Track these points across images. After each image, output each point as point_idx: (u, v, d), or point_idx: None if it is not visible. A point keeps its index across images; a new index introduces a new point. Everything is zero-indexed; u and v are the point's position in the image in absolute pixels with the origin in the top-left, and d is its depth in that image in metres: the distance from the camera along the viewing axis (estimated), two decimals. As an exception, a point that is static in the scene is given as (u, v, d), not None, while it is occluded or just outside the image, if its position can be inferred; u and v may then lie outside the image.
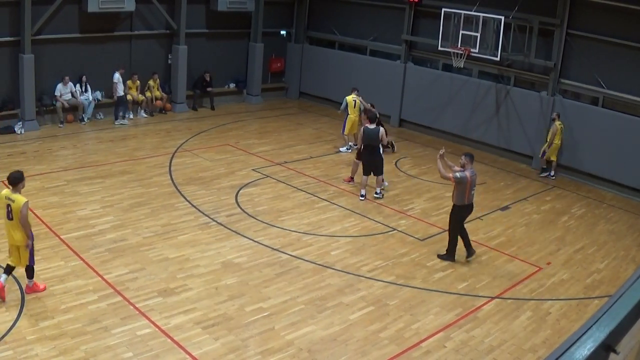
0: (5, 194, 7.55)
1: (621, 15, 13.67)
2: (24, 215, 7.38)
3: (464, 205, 9.51)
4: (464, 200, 9.46)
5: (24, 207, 7.37)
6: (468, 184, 9.33)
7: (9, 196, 7.48)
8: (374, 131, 11.93)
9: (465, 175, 9.30)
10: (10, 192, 7.52)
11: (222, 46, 19.55)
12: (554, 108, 14.99)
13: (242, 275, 8.80)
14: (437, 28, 15.85)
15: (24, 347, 6.63)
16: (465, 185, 9.31)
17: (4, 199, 7.51)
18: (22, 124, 14.97)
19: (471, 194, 9.49)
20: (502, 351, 7.43)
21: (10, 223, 7.50)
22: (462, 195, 9.42)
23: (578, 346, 1.82)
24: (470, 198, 9.52)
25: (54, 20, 15.47)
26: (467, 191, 9.39)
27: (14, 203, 7.41)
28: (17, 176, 7.58)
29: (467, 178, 9.29)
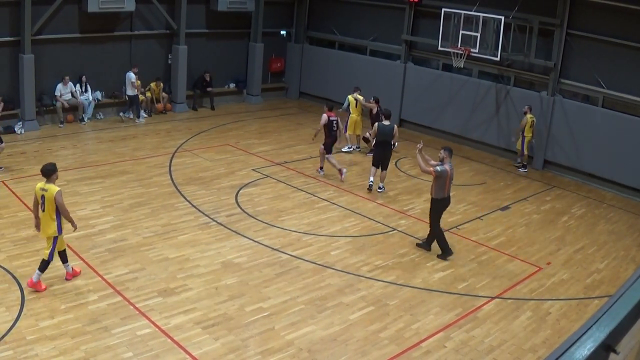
0: (40, 185, 7.86)
1: (621, 15, 13.67)
2: (60, 202, 7.70)
3: (443, 198, 9.70)
4: (443, 194, 9.65)
5: (58, 195, 7.68)
6: (447, 178, 9.55)
7: (43, 187, 7.79)
8: (389, 127, 12.38)
9: (445, 169, 9.52)
10: (44, 184, 7.84)
11: (222, 46, 19.55)
12: (554, 108, 15.00)
13: (242, 275, 8.80)
14: (437, 28, 15.85)
15: (24, 347, 6.63)
16: (444, 179, 9.53)
17: (39, 191, 7.80)
18: (22, 124, 14.98)
19: (449, 186, 9.73)
20: (502, 351, 7.43)
21: (43, 214, 7.80)
22: (441, 188, 9.61)
23: (578, 346, 1.82)
24: (449, 191, 9.75)
25: (54, 20, 15.48)
26: (447, 184, 9.62)
27: (47, 193, 7.72)
28: (50, 168, 7.88)
29: (447, 172, 9.51)
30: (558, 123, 15.00)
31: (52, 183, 7.81)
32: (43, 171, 7.87)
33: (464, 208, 12.33)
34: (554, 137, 15.14)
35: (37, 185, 7.90)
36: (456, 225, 11.36)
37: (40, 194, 7.78)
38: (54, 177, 7.87)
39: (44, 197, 7.74)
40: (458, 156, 16.08)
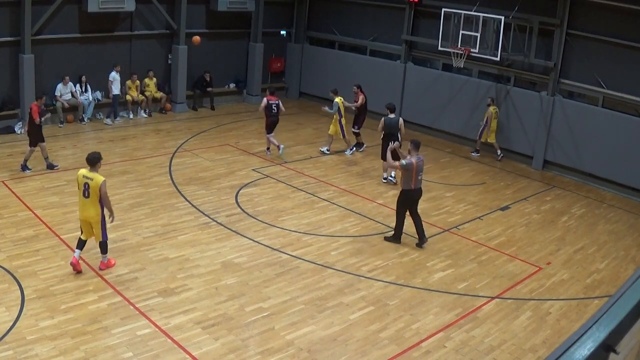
0: (83, 172, 8.19)
1: (621, 15, 13.67)
2: (104, 192, 8.09)
3: (411, 189, 10.03)
4: (410, 185, 10.00)
5: (102, 185, 8.07)
6: (414, 170, 9.89)
7: (87, 175, 8.13)
8: (394, 120, 12.99)
9: (411, 161, 9.90)
10: (88, 172, 8.10)
11: (222, 46, 19.55)
12: (554, 108, 15.00)
13: (242, 275, 8.80)
14: (437, 28, 15.85)
15: (24, 347, 6.63)
16: (411, 172, 9.89)
17: (82, 178, 8.15)
18: (22, 124, 14.97)
19: (418, 179, 10.04)
20: (502, 351, 7.43)
21: (85, 201, 8.18)
22: (408, 180, 9.97)
23: (578, 346, 1.82)
24: (417, 183, 10.07)
25: (54, 20, 15.48)
26: (414, 177, 9.95)
27: (92, 181, 8.06)
28: (96, 156, 8.25)
29: (412, 164, 9.89)
30: (558, 123, 15.00)
31: (96, 172, 8.16)
32: (88, 159, 8.20)
33: (464, 208, 12.34)
34: (554, 137, 15.14)
35: (80, 171, 8.24)
36: (456, 225, 11.36)
37: (83, 182, 8.10)
38: (98, 166, 8.17)
39: (87, 185, 8.07)
40: (458, 156, 16.12)
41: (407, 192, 10.07)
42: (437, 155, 16.01)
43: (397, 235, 10.32)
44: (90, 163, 8.19)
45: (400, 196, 10.22)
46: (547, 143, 15.27)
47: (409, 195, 10.08)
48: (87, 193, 8.12)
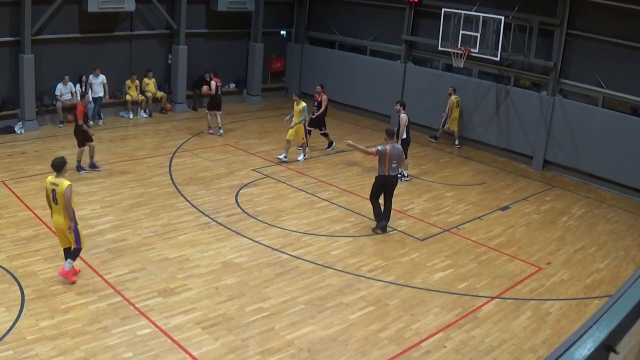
0: (50, 179, 7.94)
1: (621, 15, 13.67)
2: (67, 197, 7.78)
3: (384, 175, 10.46)
4: (384, 172, 10.43)
5: (67, 190, 7.77)
6: (387, 157, 10.31)
7: (54, 181, 7.88)
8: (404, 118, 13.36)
9: (385, 148, 10.34)
10: (54, 178, 7.91)
11: (222, 46, 19.55)
12: (554, 108, 15.00)
13: (242, 275, 8.80)
14: (437, 28, 15.85)
15: (24, 347, 6.63)
16: (384, 158, 10.32)
17: (49, 185, 7.90)
18: (22, 124, 14.97)
19: (391, 166, 10.45)
20: (502, 351, 7.43)
21: (56, 208, 7.93)
22: (382, 167, 10.41)
23: (578, 346, 1.82)
24: (391, 170, 10.46)
25: (54, 20, 15.48)
26: (387, 163, 10.36)
27: (58, 187, 7.81)
28: (61, 161, 7.98)
29: (386, 151, 10.32)
30: (558, 123, 15.00)
31: (62, 177, 7.93)
32: (54, 165, 7.97)
33: (464, 208, 12.34)
34: (554, 137, 15.14)
35: (48, 179, 8.01)
36: (456, 225, 11.36)
37: (50, 188, 7.90)
38: (63, 171, 7.99)
39: (54, 191, 7.85)
40: (458, 156, 16.12)
41: (380, 177, 10.51)
42: (437, 155, 16.02)
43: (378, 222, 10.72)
44: (56, 169, 7.90)
45: (375, 182, 10.66)
46: (547, 143, 15.27)
47: (382, 181, 10.49)
48: (55, 199, 7.86)
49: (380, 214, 10.68)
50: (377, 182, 10.61)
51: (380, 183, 10.55)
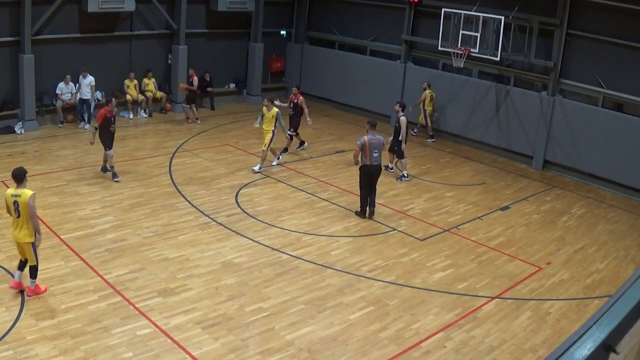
0: (10, 192, 7.49)
1: (621, 15, 13.67)
2: (31, 207, 7.32)
3: (366, 165, 11.09)
4: (366, 161, 11.07)
5: (30, 199, 7.31)
6: (367, 147, 10.96)
7: (15, 192, 7.43)
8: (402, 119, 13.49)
9: (363, 140, 11.02)
10: (15, 189, 7.47)
11: (222, 46, 19.55)
12: (554, 108, 15.00)
13: (242, 275, 8.80)
14: (437, 28, 15.85)
15: (24, 347, 6.63)
16: (365, 149, 10.98)
17: (10, 197, 7.42)
18: (22, 124, 14.97)
19: (373, 156, 11.04)
20: (502, 351, 7.43)
21: (17, 221, 7.43)
22: (364, 157, 11.06)
23: (578, 346, 1.82)
24: (372, 160, 11.07)
25: (54, 20, 15.48)
26: (368, 154, 10.99)
27: (20, 198, 7.34)
28: (22, 172, 7.56)
29: (365, 143, 10.98)
30: (558, 123, 15.00)
31: (24, 187, 7.47)
32: (14, 175, 7.54)
33: (464, 208, 12.34)
34: (554, 137, 15.14)
35: (7, 191, 7.57)
36: (456, 225, 11.36)
37: (12, 201, 7.39)
38: (25, 181, 7.54)
39: (16, 203, 7.35)
40: (458, 156, 16.13)
41: (363, 167, 11.17)
42: (437, 155, 16.02)
43: (362, 210, 11.39)
44: (17, 179, 7.47)
45: (360, 172, 11.31)
46: (547, 143, 15.27)
47: (365, 170, 11.15)
48: (18, 212, 7.35)
49: (366, 203, 11.29)
50: (361, 172, 11.27)
51: (364, 173, 11.19)
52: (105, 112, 11.89)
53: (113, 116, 12.12)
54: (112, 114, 12.05)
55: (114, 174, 12.12)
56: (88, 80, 15.68)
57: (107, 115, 11.91)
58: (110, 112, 11.99)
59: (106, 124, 11.91)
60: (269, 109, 13.37)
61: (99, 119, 11.88)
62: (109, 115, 11.95)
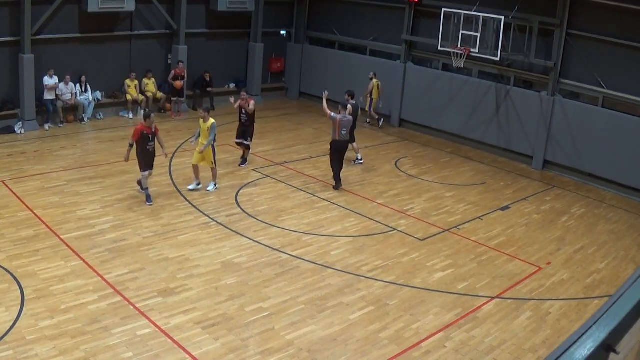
0: None
1: (621, 15, 13.67)
2: None
3: (335, 140, 12.54)
4: (335, 136, 12.53)
5: None
6: (337, 125, 12.39)
7: None
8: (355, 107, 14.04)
9: (335, 117, 12.40)
10: None
11: (222, 46, 19.55)
12: (554, 108, 15.00)
13: (242, 275, 8.81)
14: (437, 28, 15.85)
15: (24, 347, 6.63)
16: (335, 125, 12.43)
17: None
18: (22, 124, 14.97)
19: (342, 133, 12.49)
20: (502, 351, 7.43)
21: None
22: (334, 132, 12.56)
23: (578, 346, 1.82)
24: (341, 136, 12.52)
25: (54, 20, 15.48)
26: (337, 130, 12.44)
27: None
28: None
29: (336, 120, 12.39)
30: (558, 123, 14.99)
31: None
32: None
33: (464, 208, 12.34)
34: (554, 137, 15.14)
35: None
36: (456, 225, 11.36)
37: None
38: None
39: None
40: (458, 156, 16.12)
41: (333, 142, 12.60)
42: (437, 155, 16.02)
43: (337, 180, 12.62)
44: None
45: (330, 148, 12.68)
46: (547, 143, 15.27)
47: (334, 145, 12.56)
48: None
49: (339, 176, 12.61)
50: (331, 147, 12.64)
51: (334, 147, 12.57)
52: (142, 129, 10.77)
53: (151, 133, 10.88)
54: (150, 130, 10.83)
55: (148, 197, 11.06)
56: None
57: (144, 132, 10.74)
58: (147, 129, 10.80)
59: (142, 142, 10.76)
60: (205, 120, 11.71)
61: (134, 136, 10.79)
62: (146, 132, 10.76)
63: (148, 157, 10.94)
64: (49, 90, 15.26)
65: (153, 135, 10.95)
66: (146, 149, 10.86)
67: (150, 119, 10.93)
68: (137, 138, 10.81)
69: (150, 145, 10.89)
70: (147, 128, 10.84)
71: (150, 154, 10.95)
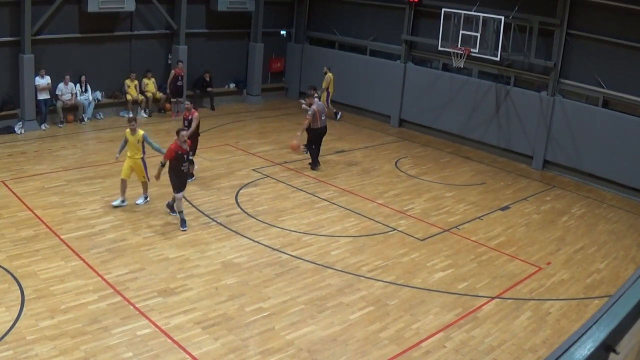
0: None
1: (621, 15, 13.67)
2: None
3: (318, 128, 13.54)
4: (317, 125, 13.47)
5: None
6: (317, 114, 13.38)
7: None
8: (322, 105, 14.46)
9: (313, 109, 13.39)
10: None
11: (222, 46, 19.55)
12: (554, 108, 15.00)
13: (242, 275, 8.81)
14: (437, 28, 15.85)
15: (24, 347, 6.63)
16: (315, 116, 13.35)
17: None
18: (22, 124, 14.97)
19: (322, 119, 13.54)
20: (502, 351, 7.43)
21: None
22: (315, 122, 13.41)
23: (578, 346, 1.82)
24: (321, 122, 13.54)
25: (54, 20, 15.48)
26: (318, 118, 13.42)
27: None
28: None
29: (315, 111, 13.37)
30: (558, 123, 14.99)
31: None
32: None
33: (464, 208, 12.34)
34: (554, 137, 15.14)
35: None
36: (456, 225, 11.36)
37: None
38: None
39: None
40: (458, 156, 16.12)
41: (315, 130, 13.51)
42: (437, 155, 16.02)
43: (315, 163, 13.70)
44: None
45: (313, 135, 13.58)
46: (547, 143, 15.27)
47: (316, 132, 13.55)
48: None
49: (318, 159, 13.69)
50: (313, 134, 13.60)
51: (316, 134, 13.59)
52: (176, 148, 9.91)
53: (186, 153, 10.05)
54: (184, 150, 9.98)
55: (182, 222, 10.14)
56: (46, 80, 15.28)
57: (179, 152, 9.85)
58: (182, 149, 9.93)
59: (177, 162, 9.91)
60: (133, 132, 10.68)
61: (167, 155, 9.95)
62: (180, 152, 9.87)
63: (182, 177, 10.12)
64: (41, 90, 15.22)
65: (188, 154, 10.19)
66: (180, 169, 9.99)
67: (180, 136, 10.01)
68: (171, 158, 9.91)
69: (184, 166, 10.10)
70: (180, 147, 9.92)
71: (184, 174, 10.20)
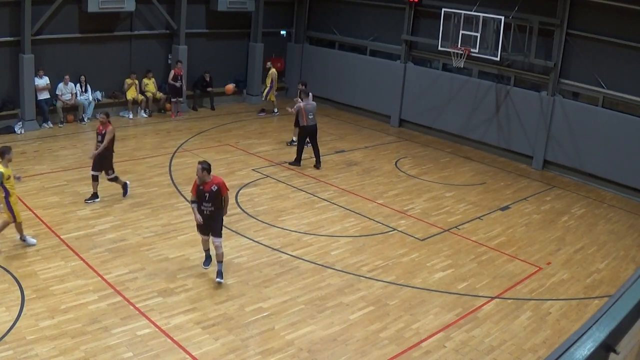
0: None
1: (621, 15, 13.66)
2: None
3: (305, 125, 13.68)
4: (304, 122, 13.65)
5: None
6: (303, 111, 13.56)
7: None
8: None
9: (299, 106, 13.67)
10: None
11: (222, 46, 19.55)
12: (554, 108, 15.00)
13: (242, 275, 8.81)
14: (437, 28, 15.84)
15: (24, 347, 6.63)
16: (301, 113, 13.56)
17: None
18: (22, 124, 14.97)
19: (309, 118, 13.63)
20: (502, 351, 7.43)
21: None
22: (302, 119, 13.64)
23: (578, 346, 1.82)
24: (309, 121, 13.66)
25: (54, 20, 15.47)
26: (304, 116, 13.57)
27: None
28: None
29: (301, 108, 13.60)
30: (558, 123, 14.99)
31: None
32: None
33: (464, 208, 12.33)
34: (554, 137, 15.14)
35: None
36: (456, 225, 11.36)
37: None
38: None
39: None
40: (458, 156, 16.12)
41: (303, 127, 13.70)
42: (437, 155, 16.01)
43: (297, 160, 13.87)
44: None
45: (301, 132, 13.80)
46: (547, 143, 15.27)
47: (305, 129, 13.69)
48: None
49: (301, 156, 13.86)
50: (301, 132, 13.76)
51: (304, 131, 13.70)
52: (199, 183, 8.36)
53: (209, 192, 8.25)
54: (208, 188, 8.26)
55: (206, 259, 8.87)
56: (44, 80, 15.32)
57: (200, 188, 8.28)
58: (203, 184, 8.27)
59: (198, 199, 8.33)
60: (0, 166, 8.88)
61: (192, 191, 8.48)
62: (202, 188, 8.27)
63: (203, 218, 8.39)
64: (40, 90, 15.23)
65: (208, 194, 8.26)
66: (200, 209, 8.35)
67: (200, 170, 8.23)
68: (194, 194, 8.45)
69: (205, 207, 8.31)
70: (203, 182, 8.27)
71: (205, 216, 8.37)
